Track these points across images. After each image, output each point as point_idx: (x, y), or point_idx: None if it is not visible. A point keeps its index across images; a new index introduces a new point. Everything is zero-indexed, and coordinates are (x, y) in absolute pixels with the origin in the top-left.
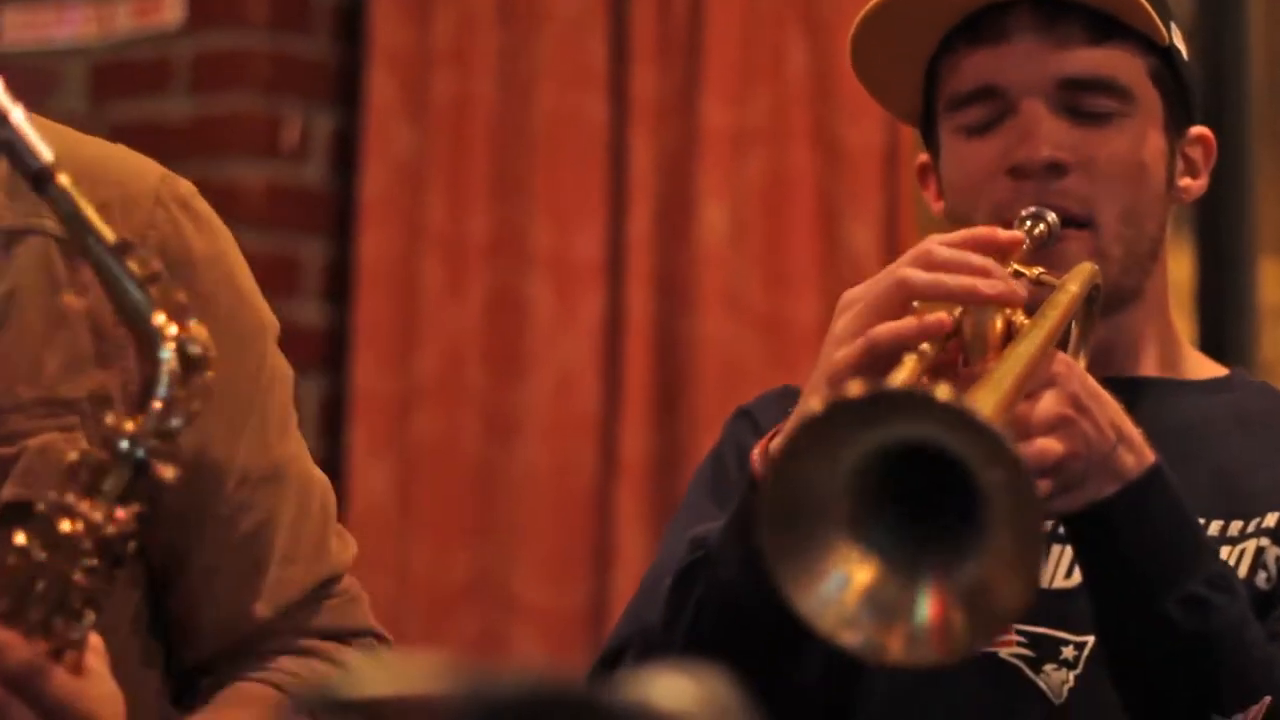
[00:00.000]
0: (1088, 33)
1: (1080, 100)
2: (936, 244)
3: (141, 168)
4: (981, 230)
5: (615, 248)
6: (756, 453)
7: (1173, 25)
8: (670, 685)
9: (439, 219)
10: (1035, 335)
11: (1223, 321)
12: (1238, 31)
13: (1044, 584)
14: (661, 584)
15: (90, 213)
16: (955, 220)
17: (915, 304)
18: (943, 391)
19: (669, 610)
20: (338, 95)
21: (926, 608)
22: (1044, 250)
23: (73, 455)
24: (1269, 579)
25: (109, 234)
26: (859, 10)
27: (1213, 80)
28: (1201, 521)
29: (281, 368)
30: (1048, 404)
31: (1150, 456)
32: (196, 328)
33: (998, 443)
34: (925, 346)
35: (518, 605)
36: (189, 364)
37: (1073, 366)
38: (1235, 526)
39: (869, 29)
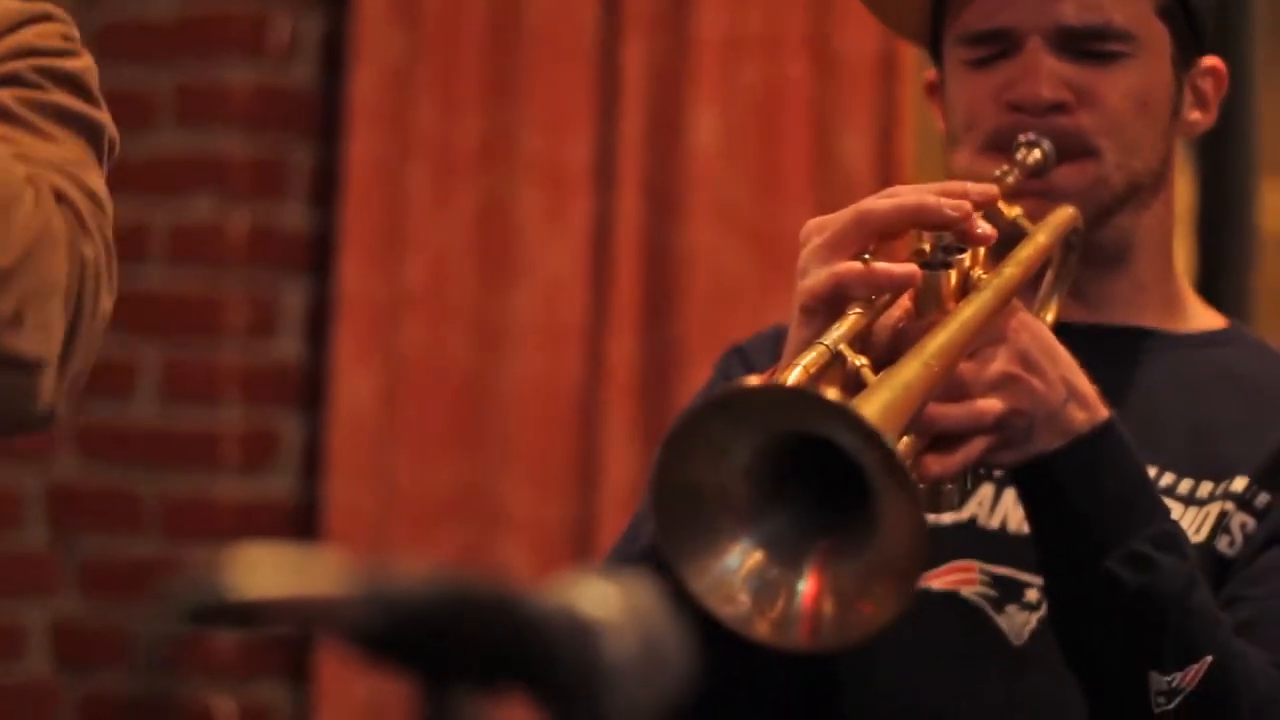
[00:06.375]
0: None
1: (1083, 44)
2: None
3: None
4: (952, 184)
5: (605, 154)
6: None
7: None
8: (594, 591)
9: (428, 124)
10: (983, 297)
11: (1223, 246)
12: None
13: (1011, 527)
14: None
15: None
16: (954, 144)
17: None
18: (831, 391)
19: (624, 542)
20: None
21: (802, 595)
22: (1038, 178)
23: None
24: (1231, 544)
25: None
26: None
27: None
28: (1171, 477)
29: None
30: (993, 364)
31: (1103, 413)
32: None
33: (880, 445)
34: (876, 298)
35: (505, 518)
36: None
37: (1026, 323)
38: (1205, 488)
39: None
